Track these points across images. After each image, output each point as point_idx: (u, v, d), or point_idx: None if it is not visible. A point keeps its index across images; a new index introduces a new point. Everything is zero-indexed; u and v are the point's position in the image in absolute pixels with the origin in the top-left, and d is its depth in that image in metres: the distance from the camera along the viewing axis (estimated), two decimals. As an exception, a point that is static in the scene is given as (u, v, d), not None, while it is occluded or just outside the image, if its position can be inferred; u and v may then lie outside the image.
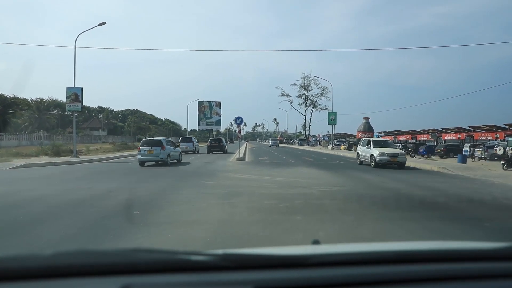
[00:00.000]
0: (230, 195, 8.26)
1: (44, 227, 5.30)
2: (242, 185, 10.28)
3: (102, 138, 67.96)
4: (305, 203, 7.45)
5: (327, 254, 1.28)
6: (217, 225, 5.41)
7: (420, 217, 6.24)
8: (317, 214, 6.28)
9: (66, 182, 11.69)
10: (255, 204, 7.13)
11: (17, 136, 45.03)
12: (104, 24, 25.16)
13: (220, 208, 6.75)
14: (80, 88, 25.05)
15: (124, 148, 39.23)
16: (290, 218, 5.91)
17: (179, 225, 5.47)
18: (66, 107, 26.09)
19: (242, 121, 25.21)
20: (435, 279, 1.17)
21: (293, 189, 9.62)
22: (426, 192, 9.52)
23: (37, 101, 57.60)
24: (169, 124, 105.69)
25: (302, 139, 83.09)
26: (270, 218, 5.92)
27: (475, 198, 8.73)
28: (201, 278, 1.08)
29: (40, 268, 1.07)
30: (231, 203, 7.28)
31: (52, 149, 26.02)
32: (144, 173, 14.50)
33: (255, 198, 7.86)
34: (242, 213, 6.33)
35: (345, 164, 20.57)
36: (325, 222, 5.62)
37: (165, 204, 7.11)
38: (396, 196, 8.88)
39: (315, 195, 8.53)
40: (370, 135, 47.13)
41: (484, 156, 27.44)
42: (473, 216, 6.51)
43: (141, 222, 5.53)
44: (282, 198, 7.93)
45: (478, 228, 5.43)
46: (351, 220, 5.74)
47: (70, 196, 8.32)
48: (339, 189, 9.78)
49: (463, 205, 8.03)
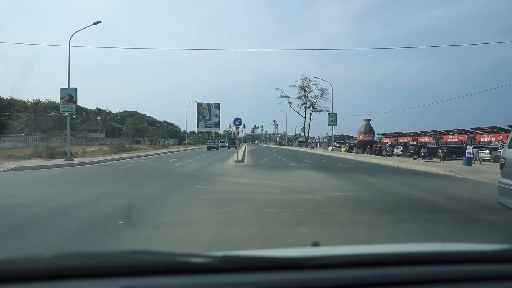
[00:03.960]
0: (227, 202, 7.54)
1: (7, 243, 4.58)
2: (241, 191, 9.55)
3: (100, 140, 67.20)
4: (309, 211, 6.73)
5: (327, 256, 1.25)
6: (210, 240, 4.69)
7: (445, 229, 5.48)
8: (325, 225, 5.55)
9: (53, 186, 10.97)
10: (254, 214, 6.40)
11: (13, 138, 44.18)
12: (99, 23, 24.50)
13: (215, 219, 6.02)
14: (74, 89, 24.35)
15: (121, 150, 38.52)
16: (294, 230, 5.18)
17: (166, 240, 4.74)
18: (60, 108, 25.35)
19: (241, 122, 24.51)
20: (435, 281, 1.16)
21: (296, 194, 8.90)
22: (439, 198, 8.79)
23: (34, 103, 56.75)
24: (168, 126, 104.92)
25: (302, 141, 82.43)
26: (271, 230, 5.20)
27: (496, 206, 8.01)
28: (200, 280, 1.08)
29: (40, 270, 1.07)
30: (228, 212, 6.55)
31: (46, 151, 25.34)
32: (138, 176, 13.78)
33: (255, 206, 7.14)
34: (240, 224, 5.60)
35: (347, 167, 19.89)
36: (335, 236, 4.90)
37: (154, 213, 6.38)
38: (409, 203, 8.16)
39: (320, 202, 7.81)
40: (371, 137, 46.53)
41: (487, 158, 26.86)
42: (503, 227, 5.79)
43: (123, 236, 4.81)
44: (284, 205, 7.22)
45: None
46: (365, 234, 5.00)
47: (52, 202, 7.61)
48: (345, 195, 9.06)
49: (487, 214, 7.26)
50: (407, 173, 16.95)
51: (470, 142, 41.10)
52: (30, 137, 47.35)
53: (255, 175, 14.34)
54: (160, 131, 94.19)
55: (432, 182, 12.82)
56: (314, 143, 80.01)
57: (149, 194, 8.89)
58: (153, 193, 8.99)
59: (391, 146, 41.02)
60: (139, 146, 56.39)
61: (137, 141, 75.34)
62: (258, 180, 12.25)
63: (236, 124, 24.59)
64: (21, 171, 16.03)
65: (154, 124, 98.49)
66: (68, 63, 24.13)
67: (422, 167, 19.61)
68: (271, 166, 19.98)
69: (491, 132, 41.33)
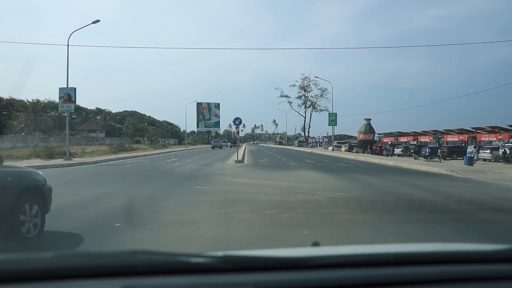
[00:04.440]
0: (227, 203, 7.42)
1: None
2: (241, 191, 9.43)
3: (99, 139, 67.05)
4: (311, 212, 6.61)
5: (327, 256, 1.25)
6: (210, 243, 4.57)
7: (448, 229, 5.37)
8: (327, 227, 5.43)
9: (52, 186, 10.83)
10: (254, 215, 6.28)
11: (12, 138, 44.01)
12: (98, 22, 24.34)
13: (215, 220, 5.90)
14: (73, 88, 24.22)
15: (121, 150, 38.36)
16: (295, 232, 5.06)
17: (165, 243, 4.62)
18: (59, 107, 25.19)
19: (240, 122, 24.38)
20: (435, 281, 1.14)
21: (296, 195, 8.78)
22: (440, 198, 8.69)
23: (33, 103, 56.59)
24: (168, 125, 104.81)
25: (302, 141, 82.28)
26: (271, 232, 5.08)
27: (498, 206, 7.91)
28: (200, 280, 1.07)
29: (40, 270, 1.06)
30: (227, 213, 6.43)
31: (45, 151, 25.21)
32: (137, 176, 13.65)
33: (255, 207, 7.01)
34: (240, 226, 5.48)
35: (347, 167, 19.77)
36: (338, 238, 4.79)
37: (152, 215, 6.26)
38: (410, 204, 8.06)
39: (322, 203, 7.69)
40: (372, 136, 46.38)
41: (488, 158, 26.73)
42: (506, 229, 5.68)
43: (119, 239, 4.69)
44: (284, 206, 7.10)
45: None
46: (368, 237, 4.88)
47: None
48: (346, 195, 8.94)
49: (488, 214, 7.17)
50: (408, 173, 16.83)
51: (471, 142, 40.99)
52: (29, 137, 47.15)
53: (255, 175, 14.22)
54: (160, 131, 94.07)
55: (434, 182, 12.70)
56: (314, 143, 79.81)
57: (148, 194, 8.77)
58: (151, 194, 8.87)
59: (391, 146, 40.89)
60: (139, 146, 56.21)
61: (137, 141, 75.20)
62: (258, 181, 12.13)
63: (236, 123, 24.46)
64: (20, 171, 15.89)
65: (154, 124, 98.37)
66: (67, 62, 24.02)
67: (423, 167, 19.48)
68: (271, 166, 19.87)
69: (491, 131, 41.15)
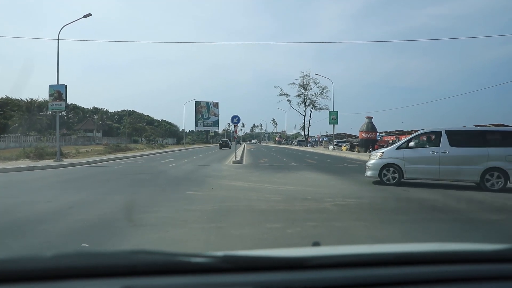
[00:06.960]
0: (221, 214, 6.30)
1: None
2: (238, 198, 8.29)
3: (96, 139, 65.97)
4: (321, 226, 5.49)
5: (327, 256, 1.22)
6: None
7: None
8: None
9: (28, 192, 9.73)
10: (254, 231, 5.15)
11: (5, 138, 42.90)
12: (89, 15, 23.22)
13: (204, 238, 4.78)
14: (63, 86, 23.03)
15: (116, 150, 37.22)
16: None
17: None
18: (49, 106, 24.02)
19: (239, 120, 23.25)
20: (435, 281, 1.13)
21: (302, 202, 7.67)
22: (463, 205, 7.60)
23: (27, 102, 55.40)
24: (166, 125, 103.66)
25: (302, 140, 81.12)
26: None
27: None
28: (201, 280, 1.06)
29: (40, 270, 1.05)
30: (221, 228, 5.31)
31: (35, 151, 24.11)
32: (125, 179, 12.53)
33: (254, 219, 5.89)
34: (236, 246, 4.38)
35: (352, 167, 18.67)
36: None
37: (128, 231, 5.14)
38: (433, 211, 6.95)
39: (332, 213, 6.58)
40: (373, 135, 45.28)
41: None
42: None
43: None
44: (289, 218, 5.98)
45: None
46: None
47: (13, 214, 6.39)
48: (359, 202, 7.83)
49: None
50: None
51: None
52: (23, 136, 46.03)
53: (254, 177, 13.10)
54: (158, 130, 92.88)
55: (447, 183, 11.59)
56: (314, 142, 78.67)
57: (130, 203, 7.67)
58: (135, 202, 7.76)
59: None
60: (136, 145, 55.03)
61: (134, 140, 74.01)
62: (257, 184, 11.01)
63: (234, 122, 23.36)
64: (3, 174, 14.76)
65: (152, 123, 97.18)
66: (57, 58, 22.75)
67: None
68: (271, 167, 18.75)
69: (497, 129, 40.20)
